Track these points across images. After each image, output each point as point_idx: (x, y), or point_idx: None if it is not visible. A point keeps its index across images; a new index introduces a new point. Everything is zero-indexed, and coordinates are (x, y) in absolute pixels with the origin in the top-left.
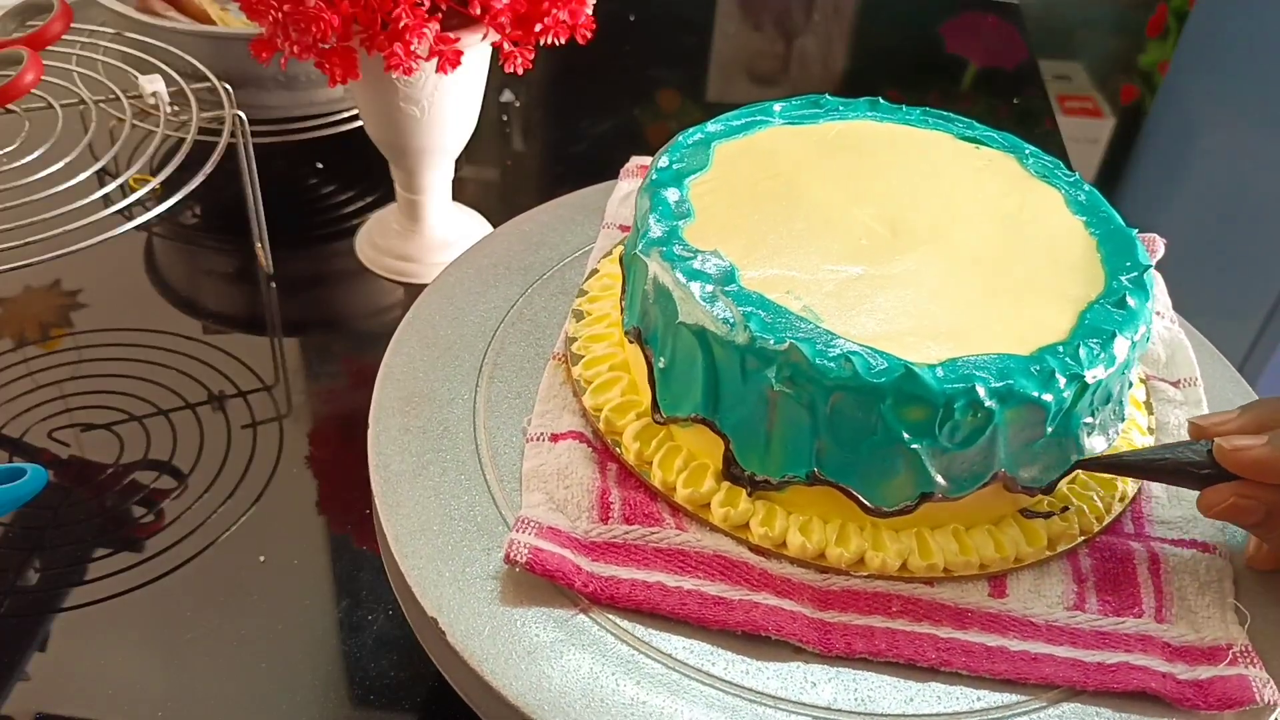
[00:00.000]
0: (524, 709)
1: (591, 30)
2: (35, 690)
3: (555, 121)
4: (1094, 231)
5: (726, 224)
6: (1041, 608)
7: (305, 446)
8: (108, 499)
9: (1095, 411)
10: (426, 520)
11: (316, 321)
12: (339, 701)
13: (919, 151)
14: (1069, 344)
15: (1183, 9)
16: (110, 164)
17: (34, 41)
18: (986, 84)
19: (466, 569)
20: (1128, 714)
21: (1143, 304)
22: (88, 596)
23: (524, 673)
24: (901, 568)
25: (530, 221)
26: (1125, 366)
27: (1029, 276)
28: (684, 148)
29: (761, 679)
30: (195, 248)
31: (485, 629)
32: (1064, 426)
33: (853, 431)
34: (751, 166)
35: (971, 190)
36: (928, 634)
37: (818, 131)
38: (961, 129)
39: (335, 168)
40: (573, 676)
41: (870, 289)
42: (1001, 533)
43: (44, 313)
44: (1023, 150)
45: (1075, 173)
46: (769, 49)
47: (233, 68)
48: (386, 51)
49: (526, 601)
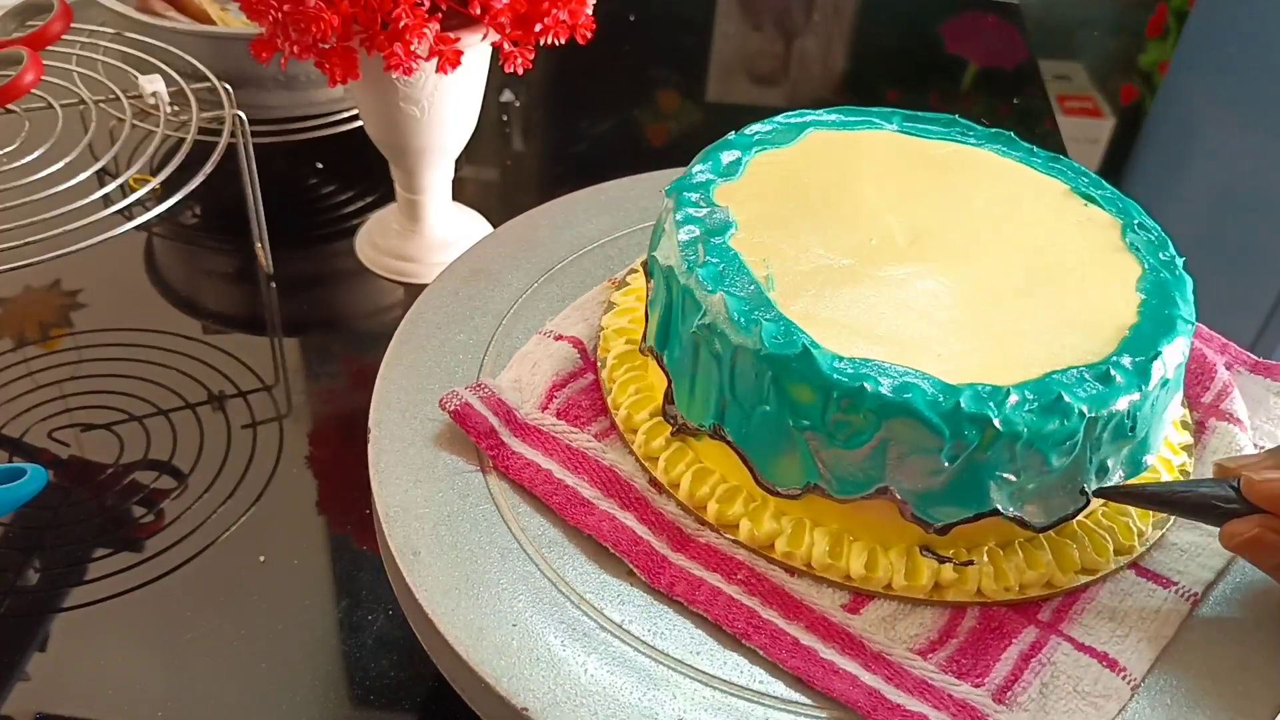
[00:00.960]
0: (524, 709)
1: (591, 30)
2: (35, 690)
3: (555, 121)
4: (1143, 308)
5: (761, 193)
6: (883, 638)
7: (305, 446)
8: (108, 499)
9: (1032, 464)
10: (426, 520)
11: (316, 321)
12: (339, 701)
13: (1017, 191)
14: (1012, 390)
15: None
16: (110, 164)
17: (34, 41)
18: (986, 84)
19: (466, 569)
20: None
21: (1134, 386)
22: (88, 596)
23: (524, 673)
24: (770, 546)
25: (530, 221)
26: (1067, 440)
27: (1034, 319)
28: (780, 125)
29: (755, 675)
30: (195, 248)
31: (485, 629)
32: (968, 466)
33: (749, 395)
34: (833, 156)
35: (1041, 236)
36: (749, 607)
37: (923, 146)
38: (1082, 183)
39: (335, 168)
40: (573, 677)
41: (842, 281)
42: (901, 558)
43: (44, 313)
44: (1131, 220)
45: (1179, 264)
46: (769, 49)
47: (233, 68)
48: (386, 51)
49: (527, 602)
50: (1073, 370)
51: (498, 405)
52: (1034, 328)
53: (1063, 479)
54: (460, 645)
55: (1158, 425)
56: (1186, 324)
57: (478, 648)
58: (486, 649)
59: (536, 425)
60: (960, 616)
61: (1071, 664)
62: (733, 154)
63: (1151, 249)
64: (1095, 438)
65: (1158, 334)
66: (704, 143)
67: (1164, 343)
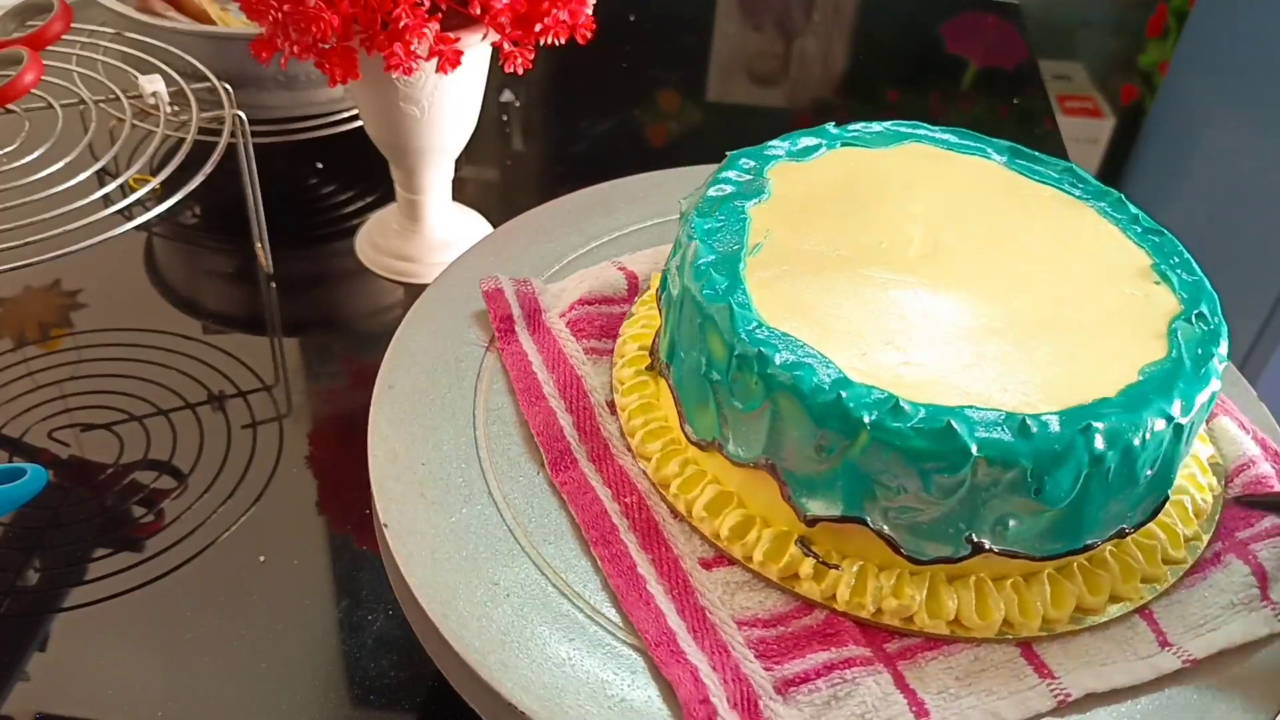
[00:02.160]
0: (524, 709)
1: (591, 30)
2: (35, 690)
3: (555, 121)
4: (1130, 389)
5: (817, 180)
6: (715, 598)
7: (305, 446)
8: (108, 499)
9: (908, 485)
10: (426, 520)
11: (316, 321)
12: (339, 701)
13: (1085, 250)
14: (907, 404)
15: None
16: (110, 164)
17: (34, 41)
18: (986, 84)
19: (467, 569)
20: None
21: (1048, 445)
22: (88, 596)
23: (524, 673)
24: (666, 486)
25: (530, 221)
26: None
27: (1006, 357)
28: (884, 130)
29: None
30: (195, 248)
31: (485, 629)
32: (844, 464)
33: (684, 339)
34: (915, 168)
35: (1072, 293)
36: (614, 525)
37: (1018, 183)
38: (1169, 263)
39: (335, 168)
40: (573, 677)
41: (825, 268)
42: (772, 538)
43: (44, 313)
44: (1191, 310)
45: (1216, 366)
46: (769, 49)
47: (233, 68)
48: (386, 51)
49: (527, 602)
50: (997, 412)
51: (528, 300)
52: (999, 364)
53: (944, 514)
54: (460, 646)
55: (1100, 500)
56: (1134, 422)
57: (478, 648)
58: (486, 649)
59: (549, 326)
60: (804, 613)
61: (879, 695)
62: (813, 141)
63: (1194, 342)
64: (988, 483)
65: (1123, 414)
66: (704, 143)
67: (1104, 419)
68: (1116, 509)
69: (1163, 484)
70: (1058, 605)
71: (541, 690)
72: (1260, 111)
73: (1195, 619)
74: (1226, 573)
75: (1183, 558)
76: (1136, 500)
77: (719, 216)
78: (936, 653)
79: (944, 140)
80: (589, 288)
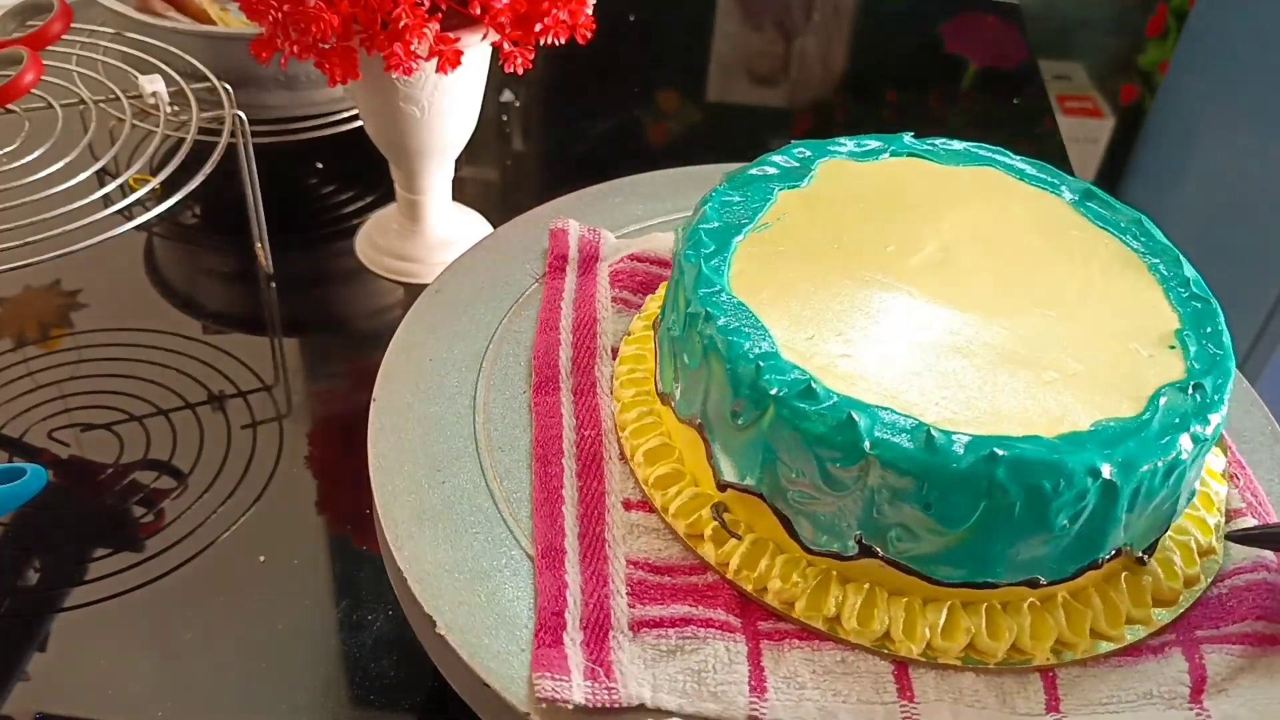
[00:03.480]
0: (523, 710)
1: (591, 30)
2: (35, 690)
3: (555, 121)
4: (1093, 430)
5: (854, 180)
6: (619, 532)
7: (305, 446)
8: (108, 499)
9: (800, 466)
10: (426, 520)
11: (316, 321)
12: (339, 701)
13: (1099, 269)
14: (825, 391)
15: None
16: (110, 164)
17: (34, 41)
18: (986, 84)
19: (466, 569)
20: None
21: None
22: (88, 596)
23: (523, 673)
24: (628, 436)
25: (530, 222)
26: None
27: (965, 375)
28: (960, 151)
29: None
30: (195, 248)
31: (485, 629)
32: (757, 435)
33: (670, 302)
34: (970, 186)
35: (1072, 318)
36: (562, 449)
37: (1075, 221)
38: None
39: (335, 168)
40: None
41: (816, 258)
42: (693, 496)
43: (44, 313)
44: (1196, 330)
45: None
46: (769, 49)
47: (233, 68)
48: (386, 51)
49: (526, 602)
50: (909, 419)
51: (589, 247)
52: (947, 381)
53: (837, 508)
54: (460, 646)
55: (1003, 537)
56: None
57: (477, 649)
58: (486, 650)
59: (596, 272)
60: (695, 572)
61: (724, 660)
62: (879, 145)
63: (1175, 411)
64: (880, 486)
65: (1040, 454)
66: (704, 143)
67: (1014, 451)
68: (1027, 553)
69: (1091, 544)
70: (947, 635)
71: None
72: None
73: (1100, 696)
74: (1161, 664)
75: (1120, 635)
76: (1056, 552)
77: (745, 192)
78: (806, 645)
79: (1020, 169)
80: (646, 246)
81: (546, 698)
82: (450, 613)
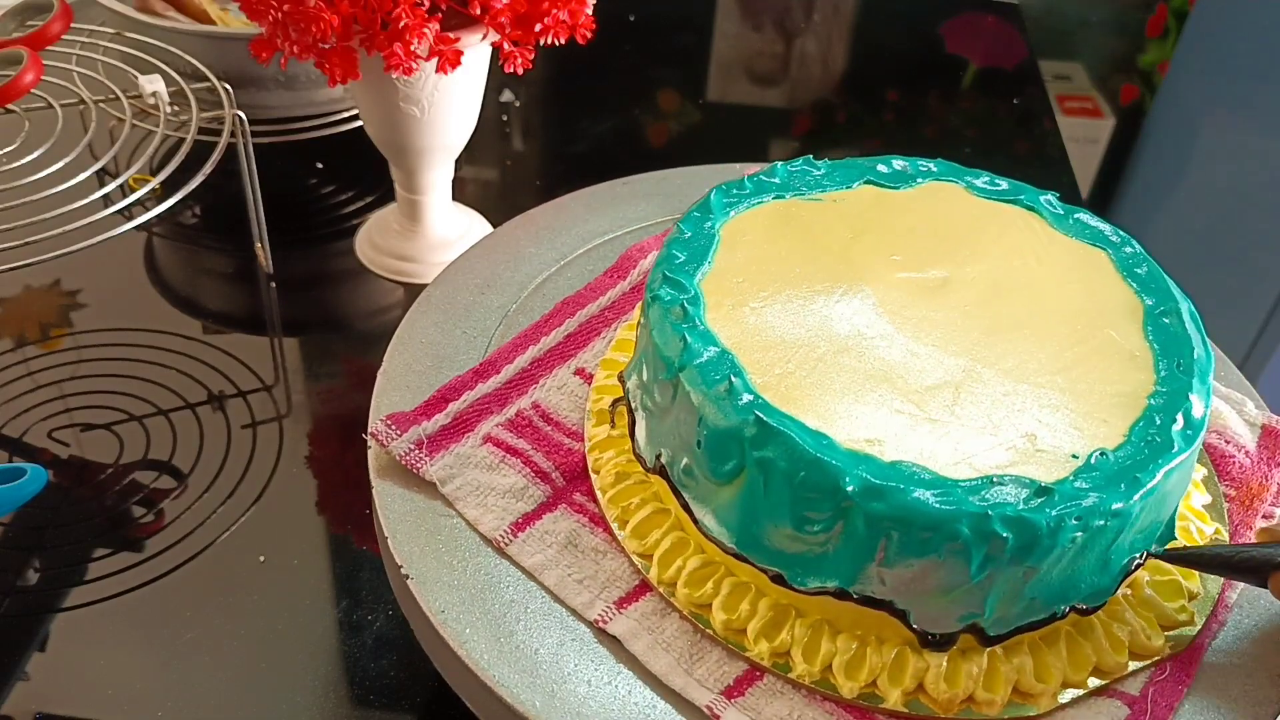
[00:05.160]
0: (523, 710)
1: (591, 30)
2: (35, 690)
3: (555, 121)
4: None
5: (894, 208)
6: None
7: (305, 446)
8: (108, 499)
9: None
10: (426, 520)
11: (316, 321)
12: (339, 701)
13: (1064, 261)
14: (754, 401)
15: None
16: (110, 164)
17: (34, 41)
18: (986, 84)
19: (466, 569)
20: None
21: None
22: (88, 596)
23: (523, 673)
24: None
25: (530, 221)
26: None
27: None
28: (1006, 186)
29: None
30: (195, 248)
31: (485, 630)
32: (710, 441)
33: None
34: (996, 222)
35: (1050, 376)
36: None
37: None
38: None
39: (335, 168)
40: (572, 679)
41: (805, 260)
42: (655, 513)
43: (44, 313)
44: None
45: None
46: (769, 49)
47: (233, 68)
48: (386, 51)
49: (526, 602)
50: (862, 452)
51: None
52: (929, 402)
53: (742, 510)
54: (460, 647)
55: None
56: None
57: (477, 650)
58: (486, 651)
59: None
60: (577, 438)
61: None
62: (902, 165)
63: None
64: (766, 482)
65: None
66: (704, 143)
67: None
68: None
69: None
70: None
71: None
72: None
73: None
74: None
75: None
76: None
77: (744, 187)
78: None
79: (1047, 210)
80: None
81: (374, 432)
82: (449, 612)
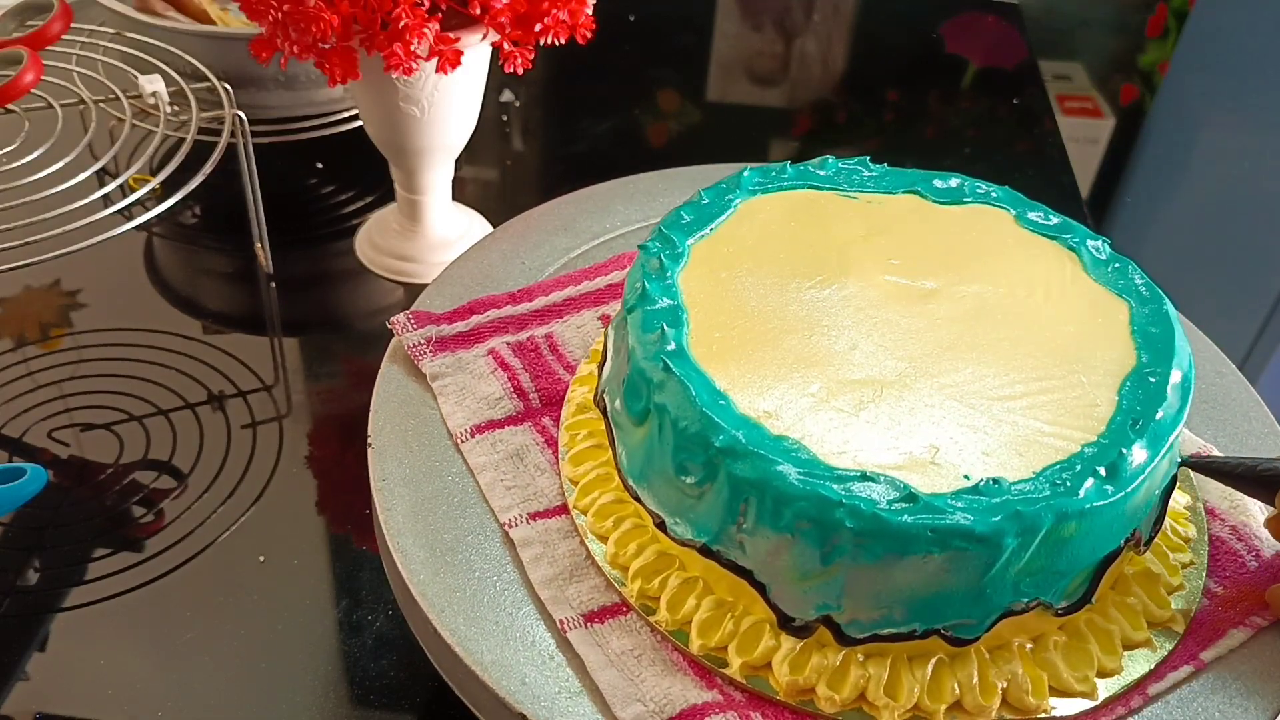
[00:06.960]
0: (523, 710)
1: (591, 30)
2: (35, 690)
3: (555, 121)
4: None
5: (898, 217)
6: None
7: (305, 446)
8: (108, 499)
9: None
10: (426, 520)
11: (316, 321)
12: (339, 701)
13: (1042, 265)
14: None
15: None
16: (110, 164)
17: (34, 41)
18: (986, 84)
19: (466, 569)
20: None
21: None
22: (88, 596)
23: (523, 673)
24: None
25: (530, 221)
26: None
27: (906, 396)
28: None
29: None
30: (195, 248)
31: (485, 630)
32: (665, 442)
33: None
34: (991, 241)
35: (1025, 382)
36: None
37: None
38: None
39: (335, 168)
40: (571, 680)
41: (800, 256)
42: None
43: (44, 313)
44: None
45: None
46: (769, 49)
47: (233, 68)
48: (386, 51)
49: (526, 602)
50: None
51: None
52: (888, 403)
53: (704, 503)
54: (460, 647)
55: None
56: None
57: (477, 650)
58: (485, 650)
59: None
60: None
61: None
62: (957, 183)
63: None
64: (660, 426)
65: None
66: (704, 143)
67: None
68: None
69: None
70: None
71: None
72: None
73: None
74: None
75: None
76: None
77: (746, 181)
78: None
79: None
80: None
81: (394, 322)
82: (449, 613)
